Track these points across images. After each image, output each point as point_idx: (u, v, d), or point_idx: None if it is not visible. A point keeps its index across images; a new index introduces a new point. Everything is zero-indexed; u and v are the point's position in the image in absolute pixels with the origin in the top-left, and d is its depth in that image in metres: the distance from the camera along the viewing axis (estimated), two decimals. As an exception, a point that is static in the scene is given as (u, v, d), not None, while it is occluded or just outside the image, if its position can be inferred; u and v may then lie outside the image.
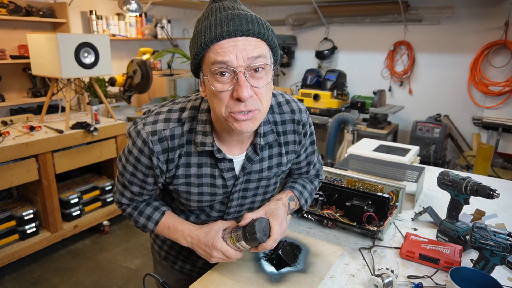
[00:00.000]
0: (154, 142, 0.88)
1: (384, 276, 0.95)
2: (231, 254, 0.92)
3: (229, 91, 0.78)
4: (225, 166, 0.94)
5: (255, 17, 0.78)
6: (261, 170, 0.99)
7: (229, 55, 0.75)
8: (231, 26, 0.75)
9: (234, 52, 0.75)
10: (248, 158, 0.95)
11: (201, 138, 0.89)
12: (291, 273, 1.02)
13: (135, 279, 2.56)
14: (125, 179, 0.98)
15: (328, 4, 4.06)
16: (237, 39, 0.75)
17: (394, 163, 1.66)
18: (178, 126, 0.90)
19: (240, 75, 0.76)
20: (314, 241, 1.18)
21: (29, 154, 2.48)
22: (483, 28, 3.45)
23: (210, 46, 0.76)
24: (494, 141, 3.50)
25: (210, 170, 0.94)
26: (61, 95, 3.11)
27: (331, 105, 3.76)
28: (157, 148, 0.88)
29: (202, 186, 0.95)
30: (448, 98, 3.74)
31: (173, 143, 0.89)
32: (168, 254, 1.20)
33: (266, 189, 1.06)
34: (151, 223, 1.02)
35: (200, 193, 0.97)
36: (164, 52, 3.83)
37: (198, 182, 0.95)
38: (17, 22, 3.10)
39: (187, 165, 0.92)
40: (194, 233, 0.96)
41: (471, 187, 1.12)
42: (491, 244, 0.94)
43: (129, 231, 3.15)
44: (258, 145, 0.94)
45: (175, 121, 0.90)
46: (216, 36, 0.75)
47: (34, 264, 2.70)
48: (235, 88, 0.76)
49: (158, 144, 0.88)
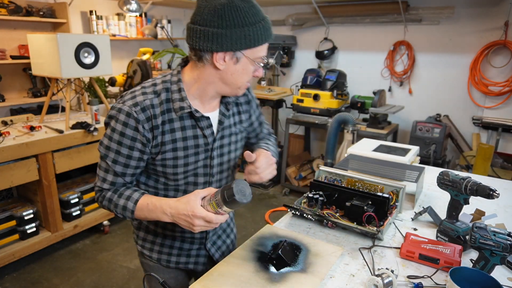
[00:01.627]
0: (138, 111, 0.98)
1: (384, 276, 0.95)
2: (211, 218, 0.93)
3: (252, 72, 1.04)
4: (204, 123, 1.07)
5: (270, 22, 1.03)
6: (229, 126, 1.16)
7: (265, 52, 1.03)
8: (270, 35, 1.00)
9: (266, 49, 1.03)
10: (222, 114, 1.12)
11: (179, 103, 1.02)
12: (291, 273, 1.02)
13: (135, 279, 2.56)
14: (109, 159, 1.03)
15: (328, 4, 4.06)
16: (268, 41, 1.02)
17: (394, 163, 1.66)
18: (155, 97, 1.02)
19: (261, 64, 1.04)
20: (314, 241, 1.18)
21: (29, 154, 2.48)
22: (483, 28, 3.45)
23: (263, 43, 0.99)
24: (494, 141, 3.50)
25: (192, 131, 1.06)
26: (61, 95, 3.11)
27: (331, 105, 3.76)
28: (142, 116, 0.98)
29: (187, 149, 1.06)
30: (448, 98, 3.74)
31: (154, 111, 1.00)
32: (160, 253, 1.22)
33: (236, 145, 1.20)
34: (131, 202, 1.02)
35: (186, 156, 1.06)
36: (164, 52, 3.83)
37: (184, 145, 1.06)
38: (17, 22, 3.10)
39: (172, 130, 1.03)
40: (173, 205, 0.98)
41: (471, 187, 1.12)
42: (491, 244, 0.94)
43: (129, 231, 3.15)
44: (229, 103, 1.13)
45: (151, 93, 1.02)
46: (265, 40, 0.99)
47: (34, 264, 2.70)
48: (257, 70, 1.04)
49: (142, 113, 0.98)
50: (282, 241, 1.10)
